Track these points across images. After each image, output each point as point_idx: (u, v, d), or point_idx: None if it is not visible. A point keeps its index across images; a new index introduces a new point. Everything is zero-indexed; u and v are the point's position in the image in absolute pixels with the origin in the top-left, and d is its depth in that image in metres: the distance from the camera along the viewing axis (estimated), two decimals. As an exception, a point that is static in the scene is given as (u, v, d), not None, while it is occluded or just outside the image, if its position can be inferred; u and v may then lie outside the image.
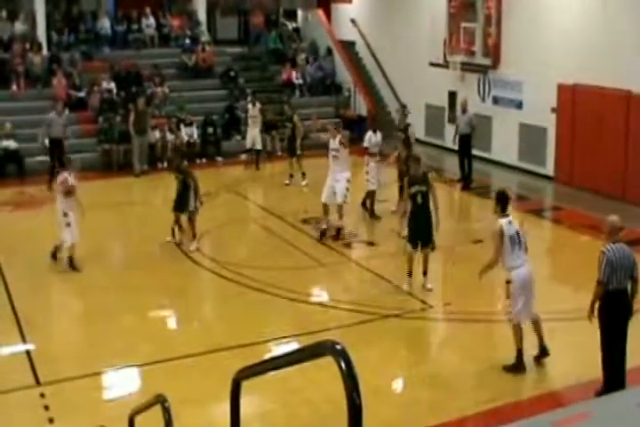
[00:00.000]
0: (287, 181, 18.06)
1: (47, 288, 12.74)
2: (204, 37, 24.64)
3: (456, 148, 18.60)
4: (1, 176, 19.12)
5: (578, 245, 14.32)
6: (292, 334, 10.29)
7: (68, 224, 12.75)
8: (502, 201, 9.28)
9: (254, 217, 16.19)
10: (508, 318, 9.22)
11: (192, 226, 13.72)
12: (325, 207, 14.18)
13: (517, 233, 9.04)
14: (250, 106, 20.23)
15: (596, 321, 8.59)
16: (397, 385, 9.27)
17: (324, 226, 14.16)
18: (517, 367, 9.20)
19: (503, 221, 9.04)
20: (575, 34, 17.55)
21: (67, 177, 12.77)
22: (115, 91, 21.67)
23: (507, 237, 8.92)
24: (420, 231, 11.63)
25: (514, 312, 9.13)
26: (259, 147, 19.88)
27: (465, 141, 18.21)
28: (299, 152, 18.06)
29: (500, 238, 8.93)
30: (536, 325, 9.37)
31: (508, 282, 9.12)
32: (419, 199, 11.61)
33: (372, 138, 15.49)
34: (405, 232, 12.06)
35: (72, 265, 12.85)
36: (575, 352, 9.92)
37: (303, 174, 17.90)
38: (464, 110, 18.61)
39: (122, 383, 9.23)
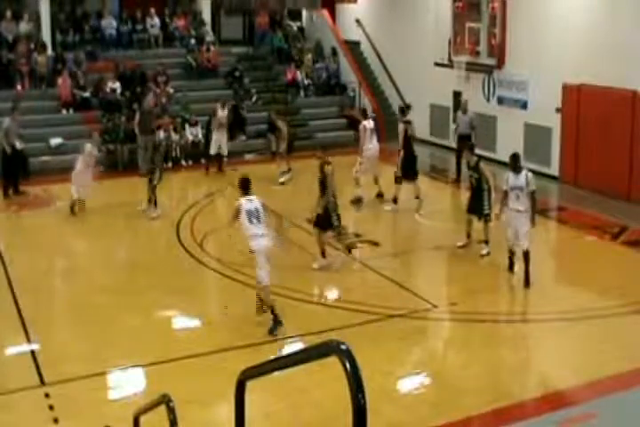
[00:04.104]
0: (282, 180, 18.33)
1: (52, 288, 12.77)
2: (209, 37, 24.66)
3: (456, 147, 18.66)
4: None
5: (582, 245, 14.31)
6: (296, 334, 10.29)
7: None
8: (244, 185, 10.67)
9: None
10: (257, 282, 10.49)
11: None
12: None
13: (257, 210, 10.38)
14: (219, 109, 19.75)
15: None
16: (402, 385, 9.26)
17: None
18: (276, 323, 10.29)
19: (243, 199, 10.43)
20: (580, 34, 17.52)
21: (91, 149, 16.17)
22: (119, 91, 21.71)
23: (244, 211, 10.28)
24: None
25: (260, 277, 10.39)
26: (225, 153, 19.75)
27: (465, 142, 18.21)
28: (283, 153, 18.84)
29: (237, 213, 10.34)
30: (265, 292, 10.54)
31: (252, 252, 10.37)
32: None
33: (509, 179, 12.04)
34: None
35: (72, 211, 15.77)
36: (577, 352, 9.91)
37: (283, 173, 18.59)
38: (465, 111, 18.68)
39: (127, 383, 9.22)
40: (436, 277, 13.26)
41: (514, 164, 11.99)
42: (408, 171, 16.05)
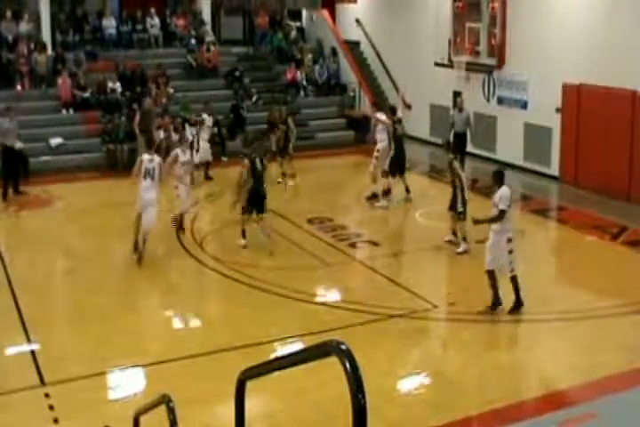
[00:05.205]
0: (280, 180, 18.17)
1: (52, 288, 12.77)
2: (209, 37, 24.66)
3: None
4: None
5: (582, 245, 14.31)
6: (296, 334, 10.29)
7: (177, 196, 14.35)
8: (149, 145, 13.93)
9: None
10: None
11: None
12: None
13: (153, 169, 12.83)
14: (205, 116, 19.51)
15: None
16: (402, 385, 9.26)
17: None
18: (139, 259, 12.80)
19: (145, 156, 12.97)
20: (581, 34, 17.52)
21: (178, 153, 14.30)
22: (119, 91, 21.72)
23: (143, 167, 12.81)
24: None
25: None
26: (210, 158, 19.42)
27: (460, 140, 18.27)
28: (292, 153, 18.37)
29: (139, 166, 12.91)
30: (145, 235, 12.96)
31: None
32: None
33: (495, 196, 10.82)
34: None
35: (181, 226, 14.49)
36: (577, 352, 9.91)
37: (293, 175, 18.22)
38: (460, 109, 18.76)
39: (127, 383, 9.22)
40: (435, 277, 13.26)
41: (492, 180, 10.98)
42: (394, 167, 16.27)
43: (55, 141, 20.31)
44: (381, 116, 17.10)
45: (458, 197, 13.46)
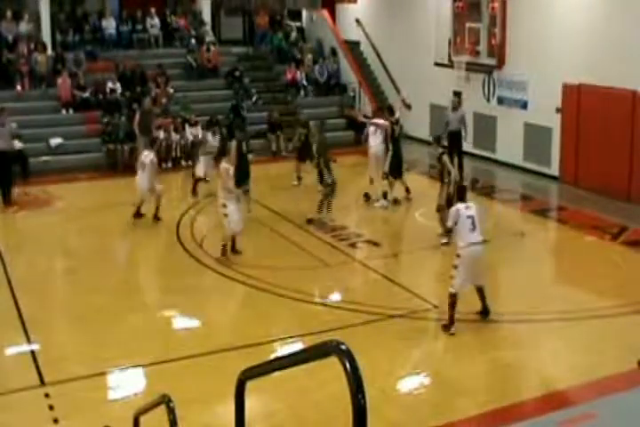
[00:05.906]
0: (295, 182, 18.12)
1: (52, 288, 12.76)
2: (209, 37, 24.67)
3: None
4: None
5: (582, 246, 14.30)
6: (297, 335, 10.29)
7: (225, 215, 13.10)
8: (151, 144, 15.98)
9: (259, 217, 16.18)
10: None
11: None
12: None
13: (145, 163, 14.65)
14: (210, 136, 17.70)
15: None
16: (402, 385, 9.26)
17: None
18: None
19: (144, 152, 14.97)
20: (580, 34, 17.52)
21: (228, 167, 13.18)
22: (119, 91, 21.73)
23: (139, 161, 14.73)
24: None
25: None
26: (209, 178, 17.15)
27: (455, 138, 18.27)
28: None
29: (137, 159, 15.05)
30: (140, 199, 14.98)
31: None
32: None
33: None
34: None
35: (234, 249, 13.44)
36: (577, 352, 9.90)
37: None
38: (454, 108, 18.77)
39: (127, 383, 9.22)
40: (435, 277, 13.25)
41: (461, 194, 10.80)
42: (393, 170, 16.27)
43: (55, 141, 20.30)
44: (378, 120, 17.10)
45: (443, 191, 13.61)
